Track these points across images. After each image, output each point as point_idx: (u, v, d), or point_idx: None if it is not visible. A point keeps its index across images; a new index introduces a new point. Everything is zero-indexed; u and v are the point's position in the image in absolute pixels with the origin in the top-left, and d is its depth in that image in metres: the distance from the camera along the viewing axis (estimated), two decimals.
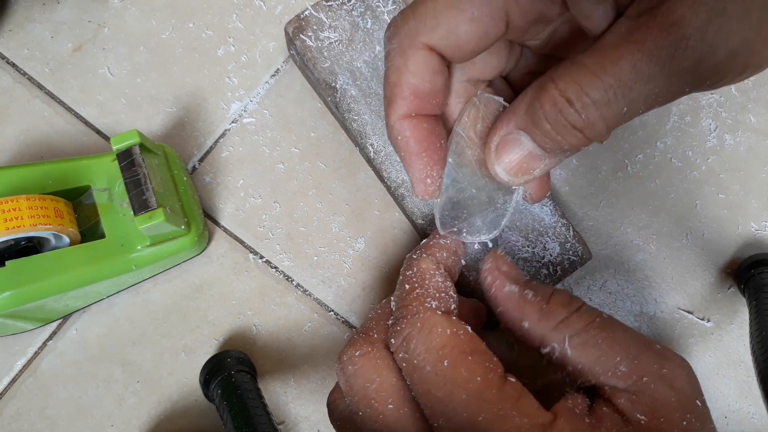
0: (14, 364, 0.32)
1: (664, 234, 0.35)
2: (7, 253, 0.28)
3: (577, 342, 0.22)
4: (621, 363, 0.21)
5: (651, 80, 0.18)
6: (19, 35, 0.36)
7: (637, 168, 0.36)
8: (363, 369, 0.23)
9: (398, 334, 0.23)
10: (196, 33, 0.37)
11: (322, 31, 0.33)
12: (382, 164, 0.33)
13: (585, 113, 0.19)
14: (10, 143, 0.34)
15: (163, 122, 0.35)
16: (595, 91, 0.19)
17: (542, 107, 0.20)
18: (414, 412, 0.22)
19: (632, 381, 0.21)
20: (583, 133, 0.20)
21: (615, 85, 0.18)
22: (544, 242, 0.32)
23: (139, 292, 0.33)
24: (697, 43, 0.18)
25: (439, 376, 0.21)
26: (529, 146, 0.22)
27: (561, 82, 0.19)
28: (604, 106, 0.19)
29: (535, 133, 0.21)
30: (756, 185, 0.36)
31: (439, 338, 0.22)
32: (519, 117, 0.21)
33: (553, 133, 0.20)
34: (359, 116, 0.33)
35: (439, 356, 0.21)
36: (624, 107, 0.19)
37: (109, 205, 0.30)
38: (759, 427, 0.34)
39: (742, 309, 0.35)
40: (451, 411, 0.21)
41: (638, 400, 0.21)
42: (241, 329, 0.33)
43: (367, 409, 0.22)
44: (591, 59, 0.19)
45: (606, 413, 0.21)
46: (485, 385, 0.21)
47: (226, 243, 0.34)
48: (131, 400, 0.32)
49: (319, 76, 0.33)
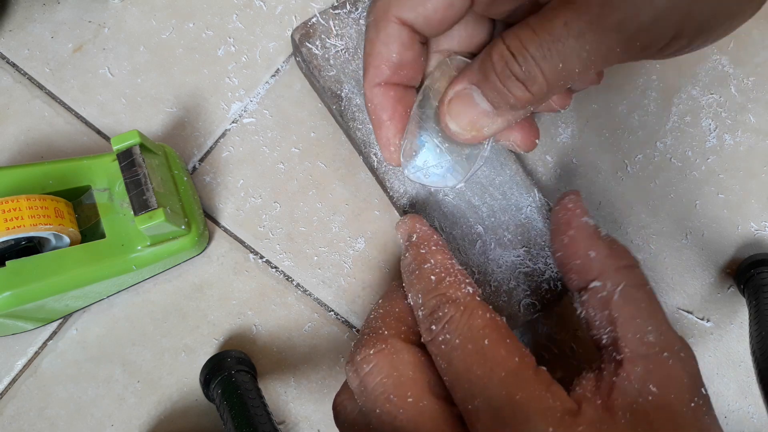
0: (14, 364, 0.32)
1: (664, 234, 0.35)
2: (7, 253, 0.28)
3: (627, 293, 0.23)
4: (651, 332, 0.23)
5: (581, 36, 0.20)
6: (20, 35, 0.36)
7: (637, 168, 0.36)
8: (379, 365, 0.23)
9: (440, 320, 0.23)
10: (196, 33, 0.37)
11: (328, 38, 0.33)
12: (385, 174, 0.33)
13: (525, 66, 0.21)
14: (10, 143, 0.34)
15: (163, 122, 0.35)
16: (533, 45, 0.20)
17: (491, 60, 0.22)
18: (434, 403, 0.22)
19: (654, 351, 0.22)
20: (525, 86, 0.21)
21: (549, 40, 0.20)
22: (545, 256, 0.31)
23: (139, 292, 0.33)
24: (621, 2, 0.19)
25: (480, 354, 0.22)
26: (479, 101, 0.23)
27: (507, 38, 0.21)
28: (540, 59, 0.20)
29: (485, 86, 0.23)
30: (756, 185, 0.36)
31: (481, 320, 0.23)
32: (473, 72, 0.23)
33: (499, 85, 0.22)
34: (364, 125, 0.33)
35: (480, 335, 0.22)
36: (559, 63, 0.20)
37: (110, 205, 0.30)
38: (759, 427, 0.34)
39: (741, 309, 0.35)
40: (491, 389, 0.21)
41: (654, 370, 0.22)
42: (241, 329, 0.33)
43: (386, 404, 0.22)
44: (534, 19, 0.21)
45: (617, 384, 0.22)
46: (523, 366, 0.22)
47: (226, 243, 0.34)
48: (131, 400, 0.32)
49: (325, 84, 0.33)
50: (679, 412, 0.21)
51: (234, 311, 0.33)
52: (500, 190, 0.32)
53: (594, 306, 0.24)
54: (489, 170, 0.33)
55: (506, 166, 0.33)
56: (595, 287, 0.24)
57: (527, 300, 0.30)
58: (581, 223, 0.26)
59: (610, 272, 0.24)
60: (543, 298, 0.31)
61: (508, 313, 0.30)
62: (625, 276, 0.24)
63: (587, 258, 0.25)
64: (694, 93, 0.37)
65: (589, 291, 0.24)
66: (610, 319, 0.23)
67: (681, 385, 0.22)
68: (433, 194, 0.32)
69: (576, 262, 0.25)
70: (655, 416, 0.21)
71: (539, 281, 0.31)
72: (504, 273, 0.31)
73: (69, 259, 0.28)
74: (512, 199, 0.32)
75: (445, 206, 0.32)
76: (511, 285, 0.31)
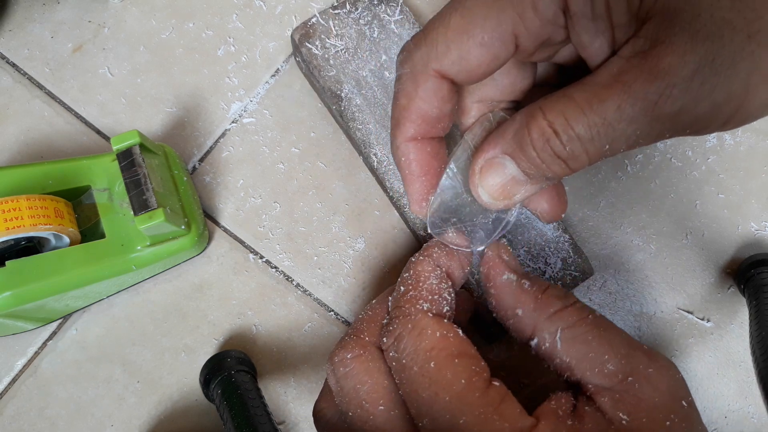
0: (14, 364, 0.32)
1: (664, 234, 0.35)
2: (7, 253, 0.28)
3: (568, 335, 0.22)
4: (609, 361, 0.22)
5: (633, 122, 0.19)
6: (19, 35, 0.36)
7: (637, 168, 0.36)
8: (354, 371, 0.23)
9: (390, 334, 0.23)
10: (196, 33, 0.37)
11: (328, 38, 0.33)
12: (385, 174, 0.33)
13: (570, 146, 0.20)
14: (10, 143, 0.34)
15: (163, 122, 0.35)
16: (581, 126, 0.19)
17: (530, 135, 0.20)
18: (404, 414, 0.23)
19: (618, 380, 0.21)
20: (567, 163, 0.20)
21: (599, 123, 0.19)
22: (545, 257, 0.31)
23: (139, 292, 0.33)
24: (681, 93, 0.18)
25: (425, 377, 0.22)
26: (512, 171, 0.22)
27: (550, 113, 0.20)
28: (588, 141, 0.19)
29: (521, 159, 0.21)
30: (756, 185, 0.36)
31: (428, 340, 0.22)
32: (506, 141, 0.22)
33: (538, 161, 0.21)
34: (364, 125, 0.33)
35: (426, 358, 0.22)
36: (606, 144, 0.19)
37: (109, 205, 0.30)
38: (759, 427, 0.34)
39: (742, 309, 0.35)
40: (435, 412, 0.21)
41: (622, 399, 0.21)
42: (241, 329, 0.33)
43: (358, 410, 0.23)
44: (580, 94, 0.19)
45: (588, 413, 0.21)
46: (469, 389, 0.21)
47: (226, 243, 0.34)
48: (131, 400, 0.32)
49: (325, 84, 0.33)
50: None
51: (234, 311, 0.33)
52: None
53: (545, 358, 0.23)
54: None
55: None
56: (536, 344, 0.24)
57: None
58: (503, 282, 0.25)
59: (543, 324, 0.23)
60: None
61: None
62: (558, 321, 0.23)
63: (517, 317, 0.24)
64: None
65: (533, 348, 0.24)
66: (563, 366, 0.23)
67: (652, 406, 0.21)
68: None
69: (509, 322, 0.25)
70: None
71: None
72: None
73: (69, 259, 0.28)
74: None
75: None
76: None
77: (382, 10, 0.34)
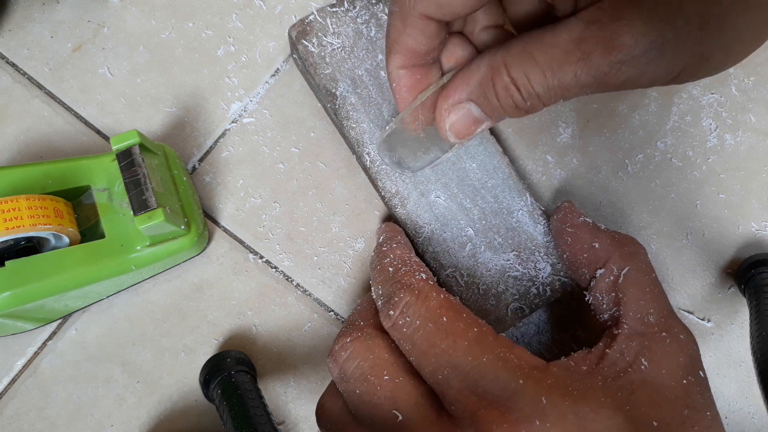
0: (14, 364, 0.32)
1: (664, 234, 0.35)
2: (7, 253, 0.28)
3: (632, 276, 0.25)
4: (652, 314, 0.24)
5: (586, 87, 0.21)
6: (19, 35, 0.36)
7: (637, 168, 0.36)
8: (356, 351, 0.25)
9: (396, 305, 0.25)
10: (196, 33, 0.37)
11: (325, 36, 0.33)
12: (377, 174, 0.32)
13: (529, 101, 0.23)
14: (10, 143, 0.34)
15: (163, 122, 0.35)
16: (540, 87, 0.22)
17: (495, 88, 0.23)
18: (409, 379, 0.24)
19: (652, 331, 0.24)
20: (526, 111, 0.23)
21: (556, 85, 0.22)
22: (535, 261, 0.31)
23: (138, 292, 0.33)
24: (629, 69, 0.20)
25: (441, 330, 0.24)
26: (475, 113, 0.25)
27: (513, 71, 0.22)
28: (545, 98, 0.22)
29: (484, 105, 0.24)
30: (756, 185, 0.36)
31: (436, 301, 0.25)
32: (471, 88, 0.24)
33: (499, 108, 0.24)
34: (358, 124, 0.33)
35: (438, 314, 0.24)
36: (559, 99, 0.22)
37: (109, 205, 0.30)
38: (759, 427, 0.34)
39: (742, 309, 0.35)
40: (456, 358, 0.23)
41: (650, 347, 0.23)
42: (241, 329, 0.33)
43: (364, 384, 0.24)
44: (542, 56, 0.21)
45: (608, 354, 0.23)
46: (483, 334, 0.24)
47: (226, 243, 0.34)
48: (131, 400, 0.32)
49: (320, 82, 0.33)
50: (667, 386, 0.22)
51: (234, 311, 0.33)
52: (492, 194, 0.32)
53: (601, 291, 0.26)
54: (481, 173, 0.32)
55: (499, 170, 0.33)
56: (602, 274, 0.26)
57: (515, 304, 0.30)
58: (581, 221, 0.28)
59: (615, 258, 0.26)
60: (531, 303, 0.30)
61: (495, 316, 0.30)
62: (629, 260, 0.26)
63: (592, 249, 0.27)
64: (695, 93, 0.37)
65: (597, 279, 0.26)
66: (616, 300, 0.25)
67: (675, 362, 0.23)
68: (425, 195, 0.32)
69: (582, 256, 0.27)
70: (638, 386, 0.22)
71: (528, 286, 0.31)
72: (493, 276, 0.31)
73: (68, 259, 0.28)
74: (504, 202, 0.32)
75: (436, 208, 0.32)
76: (499, 289, 0.30)
77: (380, 9, 0.34)
